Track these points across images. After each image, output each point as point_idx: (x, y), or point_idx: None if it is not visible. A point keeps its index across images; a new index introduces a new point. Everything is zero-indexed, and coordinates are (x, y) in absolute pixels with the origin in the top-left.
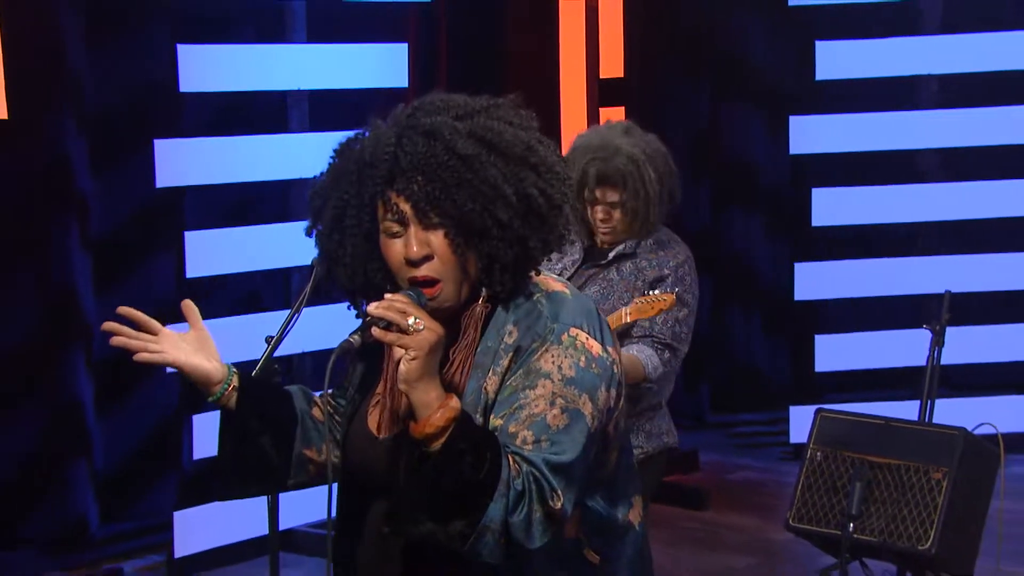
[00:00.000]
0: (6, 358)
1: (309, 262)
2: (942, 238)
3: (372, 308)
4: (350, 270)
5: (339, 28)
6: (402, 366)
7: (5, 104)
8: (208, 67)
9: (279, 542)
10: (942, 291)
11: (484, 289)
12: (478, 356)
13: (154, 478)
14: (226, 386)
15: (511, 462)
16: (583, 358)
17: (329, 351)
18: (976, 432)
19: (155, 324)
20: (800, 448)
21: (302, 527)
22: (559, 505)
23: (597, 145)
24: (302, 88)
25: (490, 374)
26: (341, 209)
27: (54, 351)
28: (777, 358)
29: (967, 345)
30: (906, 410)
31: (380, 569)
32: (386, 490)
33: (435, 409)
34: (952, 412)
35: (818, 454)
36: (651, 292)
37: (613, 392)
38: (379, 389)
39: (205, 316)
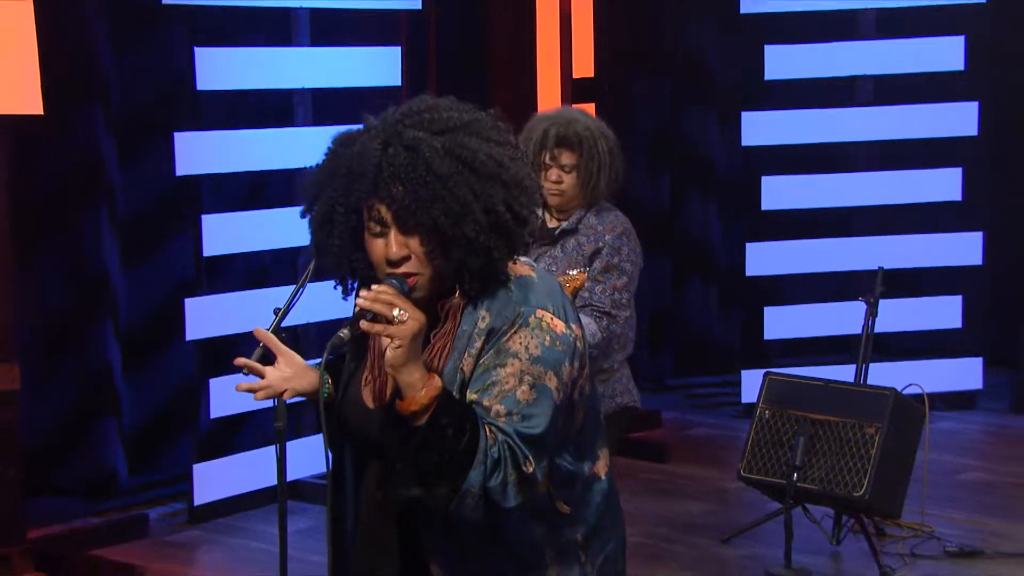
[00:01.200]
0: (44, 327)
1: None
2: (876, 220)
3: (361, 301)
4: (336, 259)
5: (339, 33)
6: (388, 353)
7: (41, 102)
8: (222, 68)
9: (287, 492)
10: (876, 267)
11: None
12: (455, 340)
13: (175, 434)
14: (327, 386)
15: (488, 432)
16: (548, 338)
17: (329, 322)
18: (905, 392)
19: (261, 368)
20: (751, 407)
21: (308, 478)
22: (531, 470)
23: (556, 114)
24: (306, 87)
25: (465, 356)
26: (330, 207)
27: (86, 320)
28: (730, 327)
29: (897, 315)
30: (844, 373)
31: (377, 528)
32: (379, 453)
33: (419, 389)
34: (884, 374)
35: (766, 412)
36: (568, 273)
37: (576, 365)
38: (367, 368)
39: (220, 290)
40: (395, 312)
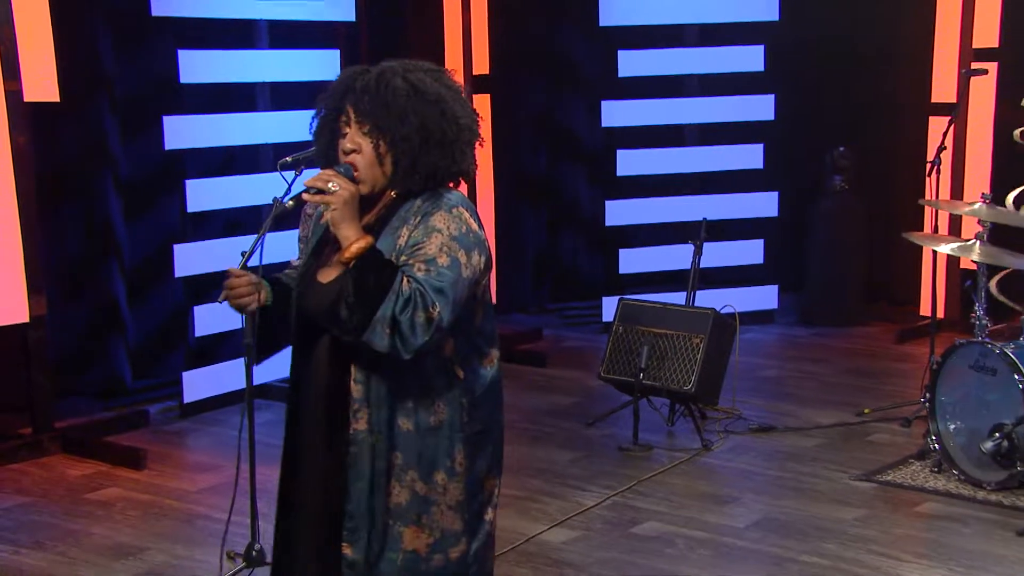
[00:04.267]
0: (64, 268)
1: (271, 200)
2: (700, 183)
3: (306, 180)
4: (321, 151)
5: (291, 39)
6: (328, 214)
7: (58, 91)
8: (201, 66)
9: (254, 392)
10: (700, 219)
11: (391, 184)
12: (395, 220)
13: (169, 349)
14: (270, 298)
15: (404, 280)
16: (464, 227)
17: (283, 264)
18: (722, 311)
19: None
20: (608, 325)
21: (271, 381)
22: (436, 313)
23: None
24: (266, 81)
25: (403, 230)
26: (321, 111)
27: (97, 262)
28: (594, 264)
29: (716, 254)
30: (677, 298)
31: (316, 377)
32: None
33: (354, 241)
34: (706, 298)
35: (620, 328)
36: None
37: (482, 258)
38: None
39: (200, 238)
40: (329, 185)
